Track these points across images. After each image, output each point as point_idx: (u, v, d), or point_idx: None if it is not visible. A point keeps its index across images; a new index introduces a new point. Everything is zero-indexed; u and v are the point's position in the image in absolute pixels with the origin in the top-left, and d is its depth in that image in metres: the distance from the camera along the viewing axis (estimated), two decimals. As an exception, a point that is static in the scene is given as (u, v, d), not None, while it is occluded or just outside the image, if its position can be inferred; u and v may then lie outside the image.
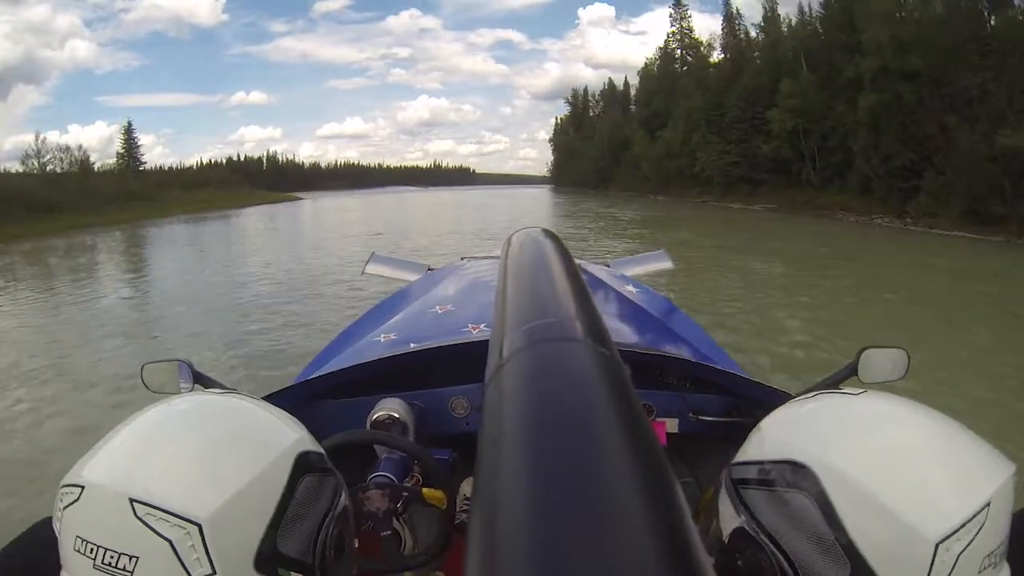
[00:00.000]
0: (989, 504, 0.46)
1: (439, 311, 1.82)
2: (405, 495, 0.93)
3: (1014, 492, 0.49)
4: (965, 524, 0.46)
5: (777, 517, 0.52)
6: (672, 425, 1.28)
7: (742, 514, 0.55)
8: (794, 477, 0.51)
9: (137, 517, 0.46)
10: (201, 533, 0.46)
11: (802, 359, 5.09)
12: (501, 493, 0.26)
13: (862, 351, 1.16)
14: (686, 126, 35.52)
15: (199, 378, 1.18)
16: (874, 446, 0.50)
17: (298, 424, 0.59)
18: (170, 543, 0.46)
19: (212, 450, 0.50)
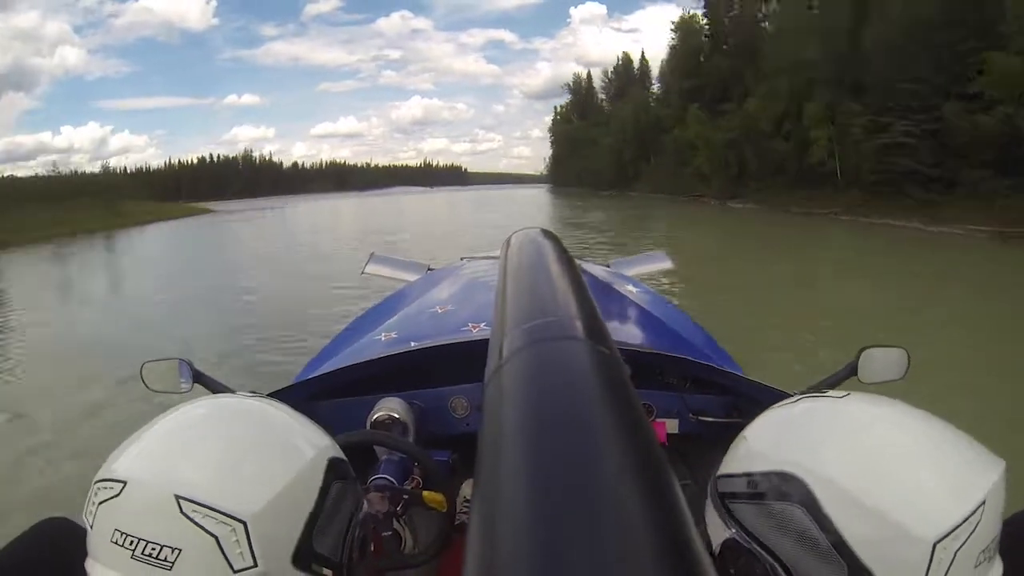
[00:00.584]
0: (984, 502, 0.46)
1: (439, 310, 1.81)
2: (405, 498, 0.93)
3: (1007, 491, 0.49)
4: (961, 524, 0.45)
5: (770, 529, 0.51)
6: (672, 426, 1.28)
7: (732, 526, 0.54)
8: (784, 488, 0.50)
9: (183, 513, 0.47)
10: (246, 530, 0.48)
11: None
12: (501, 493, 0.26)
13: (862, 350, 1.14)
14: (790, 89, 21.75)
15: (199, 377, 1.19)
16: (863, 450, 0.50)
17: (323, 431, 0.60)
18: (216, 539, 0.48)
19: (252, 451, 0.52)
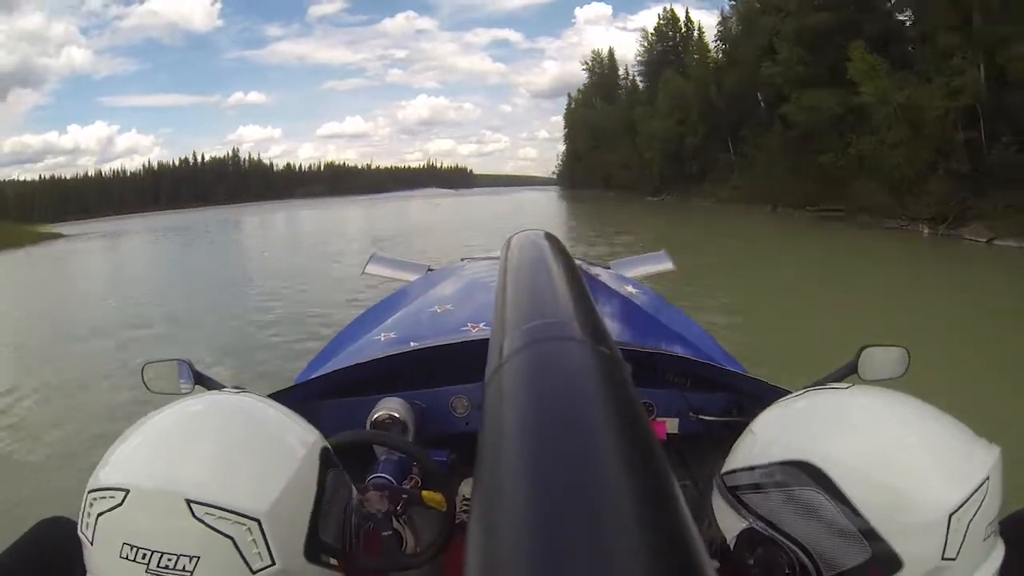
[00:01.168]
0: (988, 478, 0.50)
1: (439, 310, 1.81)
2: (404, 497, 0.93)
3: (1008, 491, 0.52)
4: (971, 496, 0.49)
5: (790, 515, 0.53)
6: (672, 425, 1.27)
7: (747, 517, 0.56)
8: (802, 475, 0.53)
9: (196, 518, 0.46)
10: (261, 528, 0.48)
11: None
12: (501, 492, 0.26)
13: (862, 349, 1.15)
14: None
15: (199, 378, 1.19)
16: (874, 434, 0.53)
17: (308, 423, 0.60)
18: (232, 540, 0.47)
19: (249, 448, 0.52)
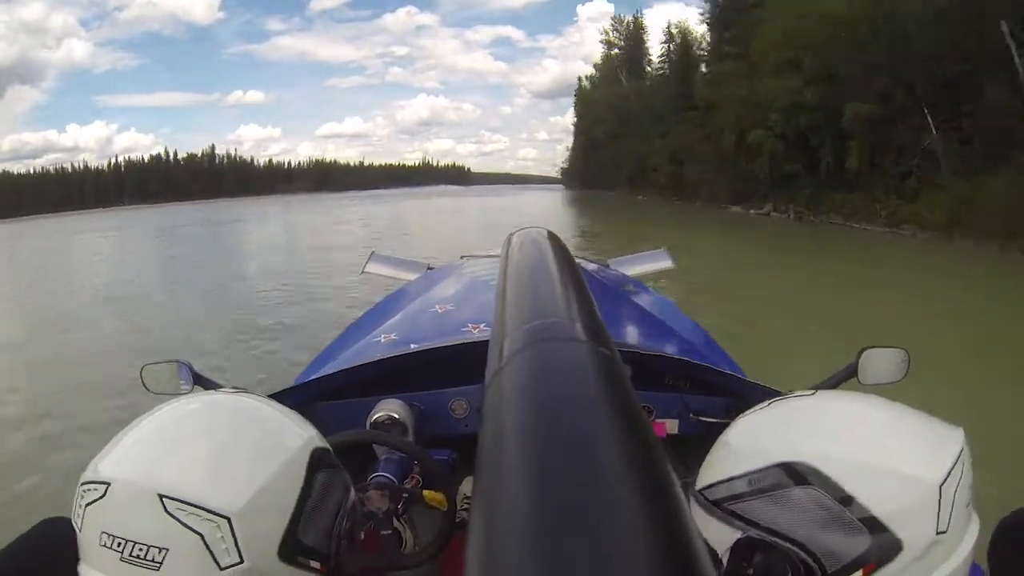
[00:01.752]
0: (962, 450, 0.54)
1: (439, 311, 1.81)
2: (405, 496, 0.93)
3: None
4: (954, 466, 0.53)
5: (788, 517, 0.53)
6: (672, 426, 1.27)
7: (740, 527, 0.56)
8: (794, 475, 0.53)
9: (167, 512, 0.47)
10: (231, 526, 0.48)
11: None
12: (501, 493, 0.26)
13: (862, 351, 1.14)
14: None
15: (198, 379, 1.19)
16: (853, 428, 0.56)
17: (307, 422, 0.60)
18: (201, 536, 0.48)
19: (233, 447, 0.52)
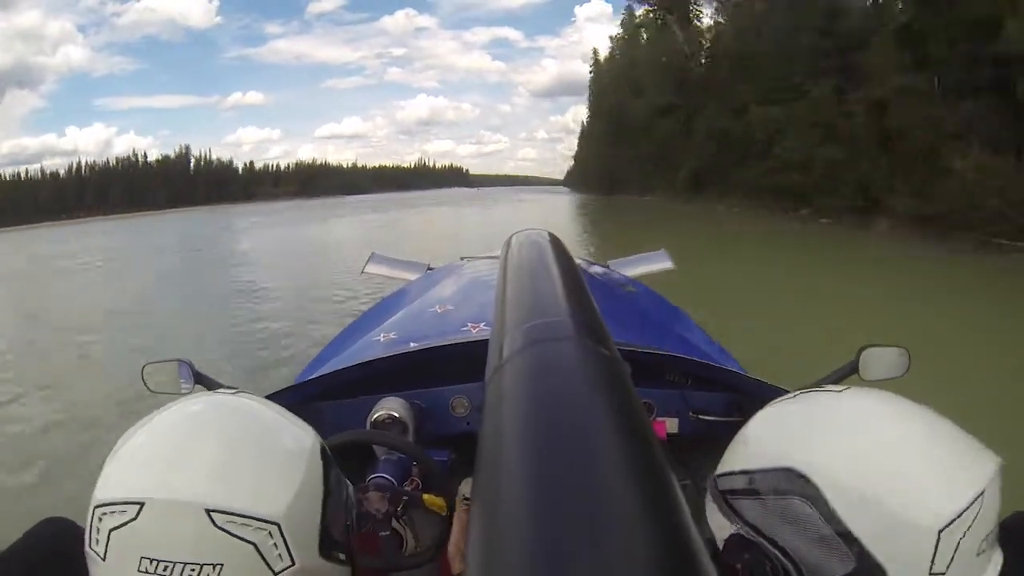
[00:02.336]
0: (984, 492, 0.48)
1: (439, 310, 1.81)
2: (405, 499, 0.93)
3: (1005, 492, 0.50)
4: (963, 512, 0.47)
5: (776, 523, 0.52)
6: (672, 425, 1.27)
7: (736, 522, 0.55)
8: (788, 484, 0.51)
9: (217, 526, 0.46)
10: (281, 531, 0.48)
11: None
12: (501, 492, 0.26)
13: (862, 349, 1.16)
14: None
15: (199, 378, 1.19)
16: (864, 444, 0.51)
17: (304, 422, 0.60)
18: (254, 546, 0.47)
19: (260, 449, 0.51)
